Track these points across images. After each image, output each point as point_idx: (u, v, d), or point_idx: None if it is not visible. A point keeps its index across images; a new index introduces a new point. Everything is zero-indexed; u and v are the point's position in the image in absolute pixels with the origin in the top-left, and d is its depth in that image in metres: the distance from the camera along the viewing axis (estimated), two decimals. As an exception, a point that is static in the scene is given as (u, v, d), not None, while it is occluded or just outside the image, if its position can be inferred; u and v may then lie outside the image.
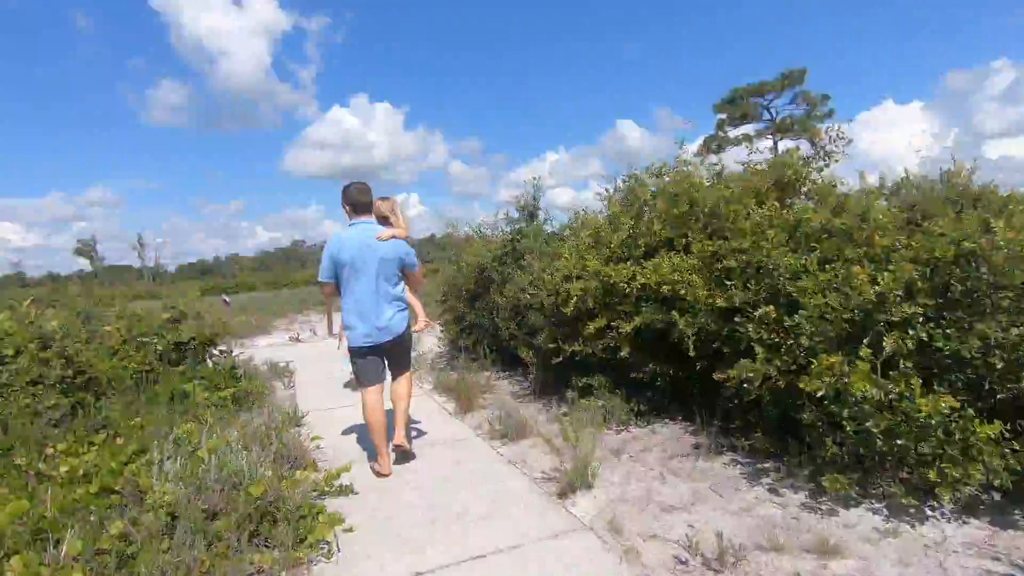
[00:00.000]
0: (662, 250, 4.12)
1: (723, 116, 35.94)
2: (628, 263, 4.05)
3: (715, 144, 35.03)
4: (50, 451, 3.34)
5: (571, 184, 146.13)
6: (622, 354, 3.99)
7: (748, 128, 35.35)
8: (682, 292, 3.65)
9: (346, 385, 6.16)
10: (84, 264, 59.82)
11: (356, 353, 3.56)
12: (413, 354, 7.30)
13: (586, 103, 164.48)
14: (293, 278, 39.05)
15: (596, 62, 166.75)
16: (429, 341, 7.93)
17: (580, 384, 4.41)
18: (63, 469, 2.95)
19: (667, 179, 4.56)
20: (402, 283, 3.63)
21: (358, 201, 3.57)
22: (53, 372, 3.84)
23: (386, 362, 3.66)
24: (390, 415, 3.74)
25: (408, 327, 3.68)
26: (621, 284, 3.92)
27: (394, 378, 3.76)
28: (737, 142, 34.65)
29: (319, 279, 3.60)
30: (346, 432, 4.53)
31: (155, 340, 4.80)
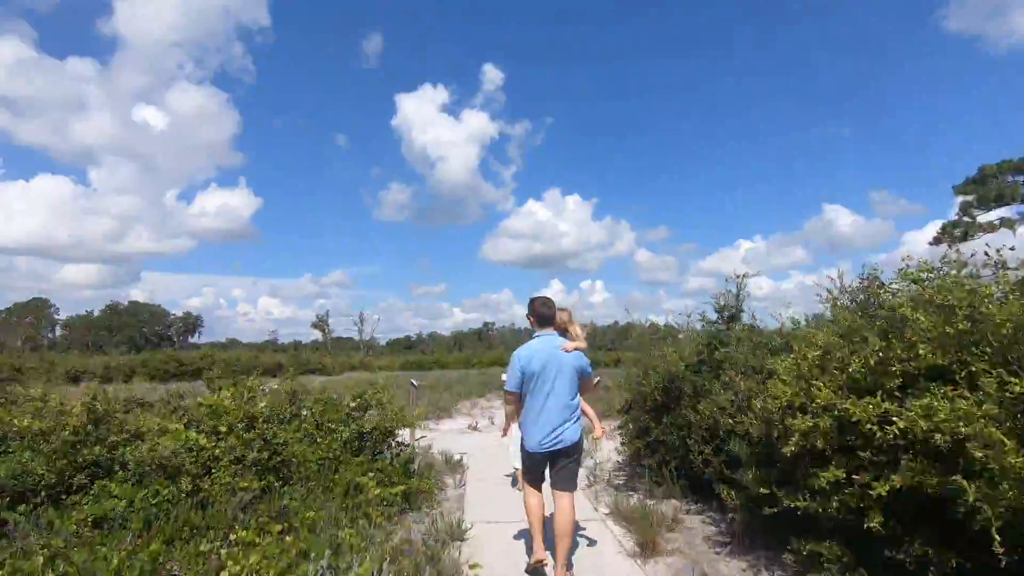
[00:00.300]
0: (927, 382, 3.05)
1: (968, 199, 29.96)
2: (877, 396, 3.06)
3: (958, 231, 29.18)
4: (233, 537, 3.43)
5: (769, 274, 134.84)
6: (871, 524, 2.92)
7: (1004, 211, 28.83)
8: (972, 448, 2.56)
9: (514, 484, 5.83)
10: (317, 335, 71.15)
11: (528, 456, 3.68)
12: (589, 462, 6.77)
13: (786, 188, 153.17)
14: (481, 358, 41.19)
15: (800, 143, 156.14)
16: (607, 448, 7.23)
17: (804, 549, 3.35)
18: (235, 569, 2.93)
19: (926, 282, 3.49)
20: (578, 394, 3.69)
21: (542, 314, 3.73)
22: (251, 454, 4.11)
23: (549, 469, 3.68)
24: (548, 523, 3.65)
25: (581, 437, 3.66)
26: (868, 425, 2.94)
27: (557, 500, 3.60)
28: (991, 228, 28.40)
29: (507, 388, 3.74)
30: (509, 556, 4.04)
31: (342, 428, 4.99)
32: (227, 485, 3.98)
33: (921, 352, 3.10)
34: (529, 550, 3.91)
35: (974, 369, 2.89)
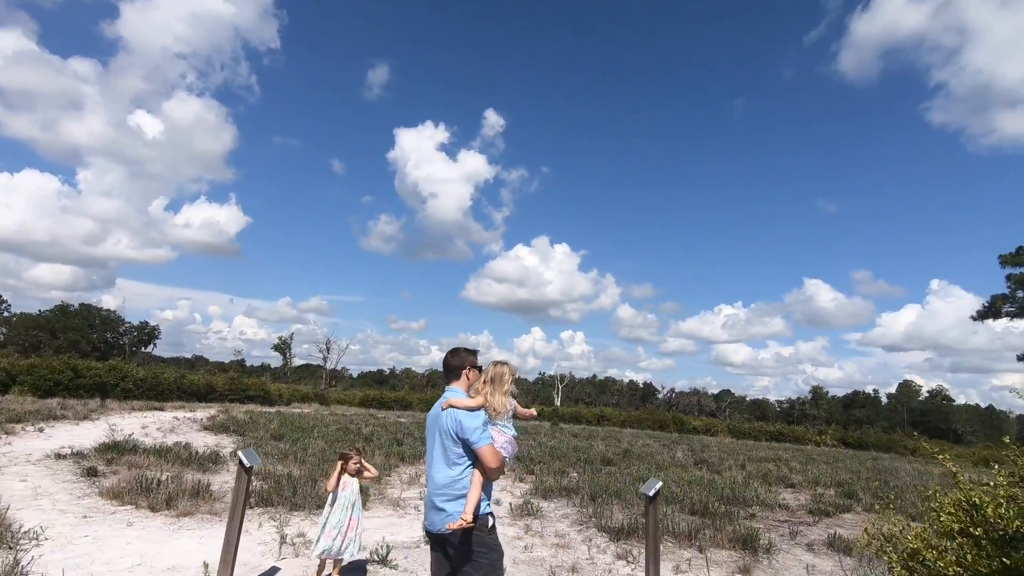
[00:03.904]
0: None
1: (1020, 271, 27.26)
2: None
3: (1012, 306, 26.35)
4: None
5: (748, 342, 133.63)
6: None
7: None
8: None
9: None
10: (278, 358, 66.74)
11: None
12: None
13: (771, 258, 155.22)
14: (449, 401, 37.19)
15: (787, 216, 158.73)
16: None
17: None
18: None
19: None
20: (464, 466, 3.08)
21: (445, 366, 3.38)
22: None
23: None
24: None
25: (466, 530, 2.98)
26: None
27: None
28: (1052, 306, 25.62)
29: None
30: None
31: None
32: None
33: None
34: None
35: None
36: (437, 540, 3.14)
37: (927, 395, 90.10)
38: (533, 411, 3.84)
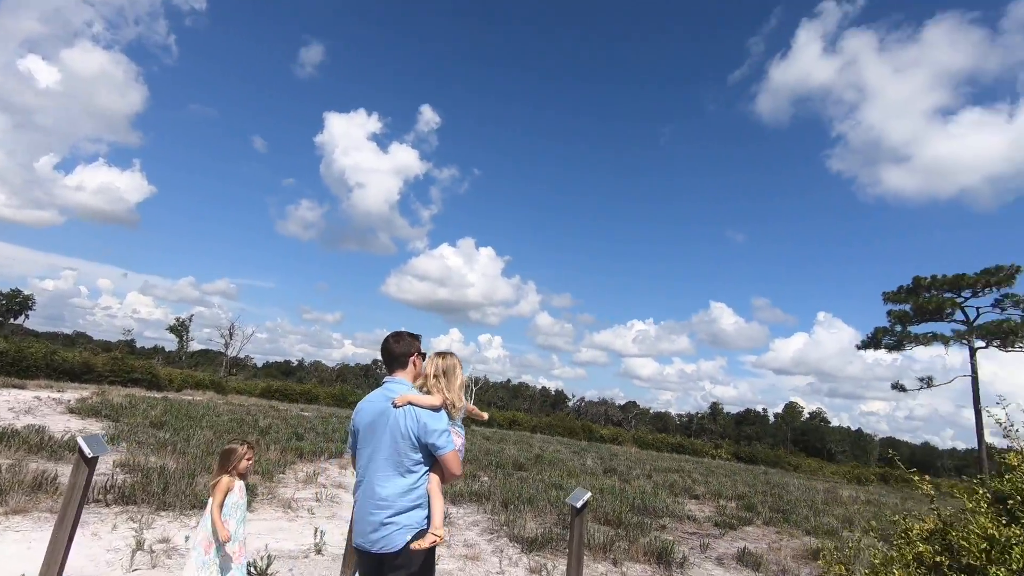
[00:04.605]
0: None
1: (900, 308, 29.99)
2: None
3: (891, 339, 28.85)
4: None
5: (655, 357, 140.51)
6: None
7: (938, 327, 28.97)
8: None
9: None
10: (173, 341, 61.53)
11: (357, 558, 2.74)
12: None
13: (682, 280, 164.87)
14: (358, 396, 35.59)
15: (700, 243, 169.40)
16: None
17: None
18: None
19: None
20: (420, 473, 2.60)
21: (386, 352, 2.85)
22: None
23: None
24: None
25: (408, 544, 2.51)
26: None
27: None
28: (924, 340, 28.29)
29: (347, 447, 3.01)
30: None
31: None
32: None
33: None
34: None
35: None
36: (374, 562, 2.61)
37: (808, 416, 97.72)
38: (484, 414, 3.32)
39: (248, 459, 4.06)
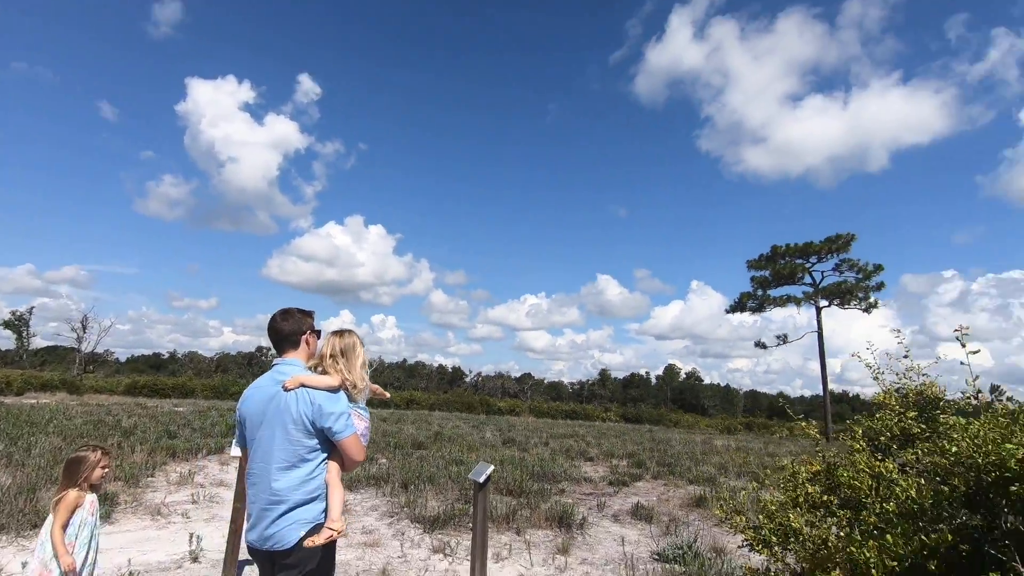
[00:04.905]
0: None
1: (761, 274, 33.34)
2: None
3: (754, 302, 31.99)
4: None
5: (548, 329, 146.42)
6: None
7: (791, 290, 32.60)
8: None
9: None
10: (10, 339, 53.41)
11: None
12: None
13: (571, 254, 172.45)
14: (241, 386, 33.22)
15: (586, 217, 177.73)
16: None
17: None
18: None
19: None
20: (317, 461, 2.36)
21: (274, 333, 2.54)
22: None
23: None
24: None
25: (302, 540, 2.24)
26: None
27: None
28: (781, 302, 31.72)
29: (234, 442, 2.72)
30: None
31: None
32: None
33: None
34: None
35: None
36: (267, 560, 2.38)
37: (684, 376, 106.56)
38: (387, 395, 3.07)
39: (103, 467, 3.42)
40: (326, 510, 2.36)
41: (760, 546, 2.38)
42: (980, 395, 2.08)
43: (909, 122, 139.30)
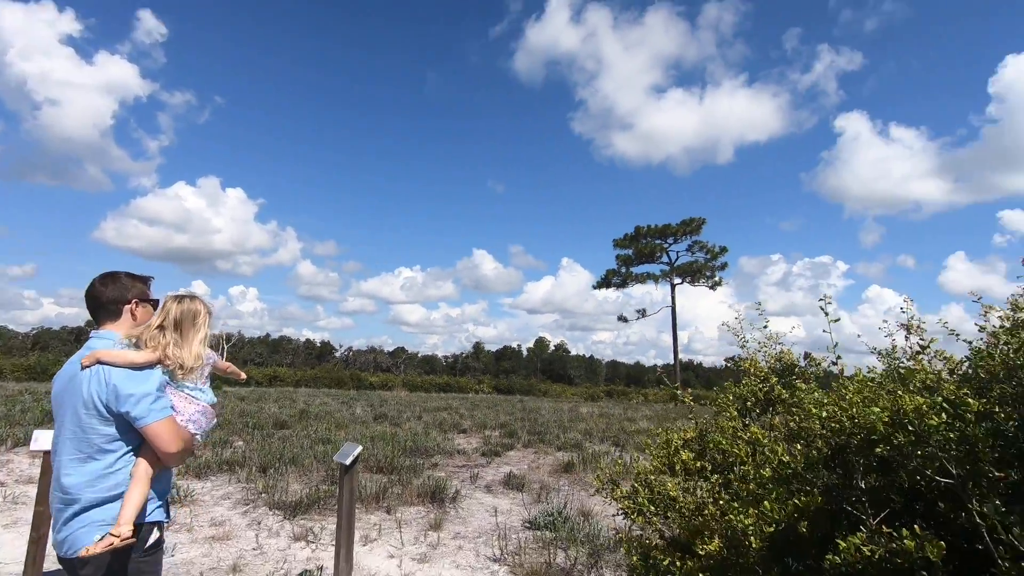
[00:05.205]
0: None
1: (625, 252, 35.62)
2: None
3: (618, 279, 34.10)
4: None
5: (423, 303, 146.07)
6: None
7: (651, 268, 35.26)
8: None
9: None
10: None
11: None
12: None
13: (448, 227, 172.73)
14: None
15: (464, 191, 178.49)
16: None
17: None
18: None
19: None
20: (119, 453, 1.99)
21: (92, 300, 2.13)
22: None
23: None
24: None
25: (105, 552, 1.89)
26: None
27: None
28: (642, 280, 34.16)
29: None
30: None
31: None
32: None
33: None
34: None
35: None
36: (70, 568, 2.02)
37: (553, 348, 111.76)
38: (242, 375, 2.66)
39: None
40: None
41: (636, 515, 2.37)
42: (840, 360, 2.22)
43: (752, 121, 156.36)
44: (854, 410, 1.59)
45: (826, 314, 2.09)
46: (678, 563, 1.86)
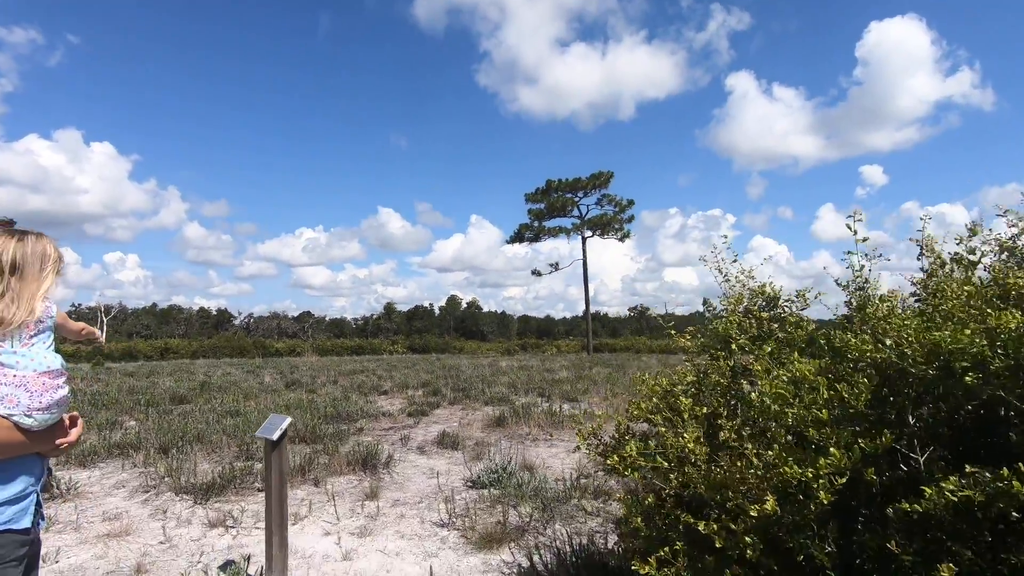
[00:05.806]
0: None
1: (537, 206, 35.58)
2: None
3: (531, 233, 34.11)
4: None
5: (327, 264, 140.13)
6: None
7: (563, 222, 35.59)
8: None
9: None
10: None
11: None
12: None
13: (352, 184, 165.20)
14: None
15: (366, 148, 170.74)
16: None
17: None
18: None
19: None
20: None
21: None
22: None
23: None
24: None
25: None
26: None
27: None
28: (555, 233, 34.37)
29: None
30: None
31: None
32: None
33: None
34: None
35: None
36: None
37: (465, 306, 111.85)
38: (99, 333, 2.07)
39: None
40: None
41: (629, 471, 2.08)
42: (865, 290, 2.01)
43: (652, 78, 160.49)
44: (945, 332, 1.36)
45: (854, 232, 1.87)
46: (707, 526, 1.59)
